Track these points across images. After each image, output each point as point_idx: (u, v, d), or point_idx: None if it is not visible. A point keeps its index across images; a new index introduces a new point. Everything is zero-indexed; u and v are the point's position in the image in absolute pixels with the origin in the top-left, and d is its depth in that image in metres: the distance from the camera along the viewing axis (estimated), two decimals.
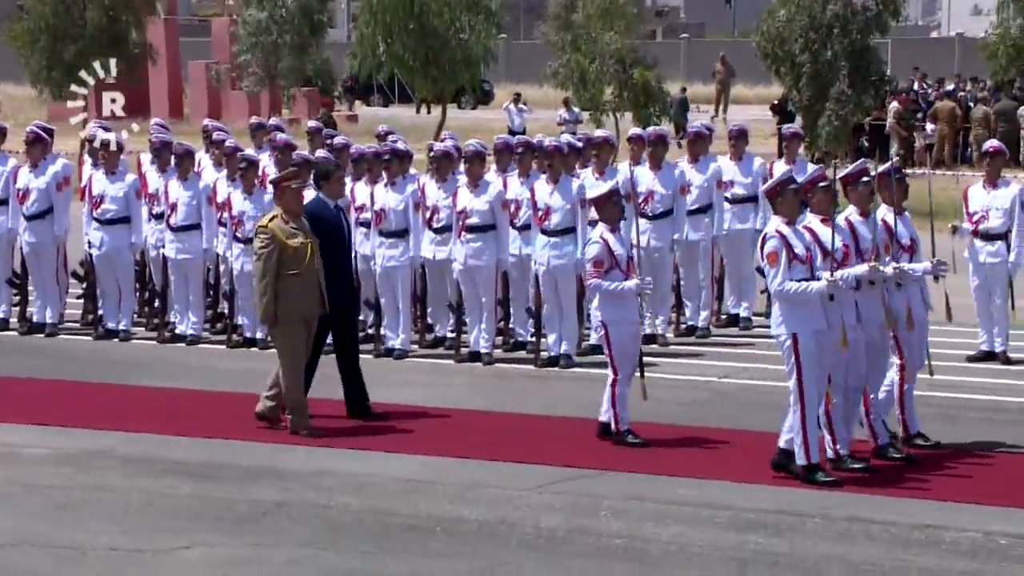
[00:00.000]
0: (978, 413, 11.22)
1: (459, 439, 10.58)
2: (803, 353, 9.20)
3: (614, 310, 10.30)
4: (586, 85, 24.65)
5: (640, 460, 10.00)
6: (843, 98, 22.82)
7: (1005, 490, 9.25)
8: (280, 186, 10.81)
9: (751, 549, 8.23)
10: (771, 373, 12.60)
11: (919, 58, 42.35)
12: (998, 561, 7.99)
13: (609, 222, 10.47)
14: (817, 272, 9.30)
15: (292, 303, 10.48)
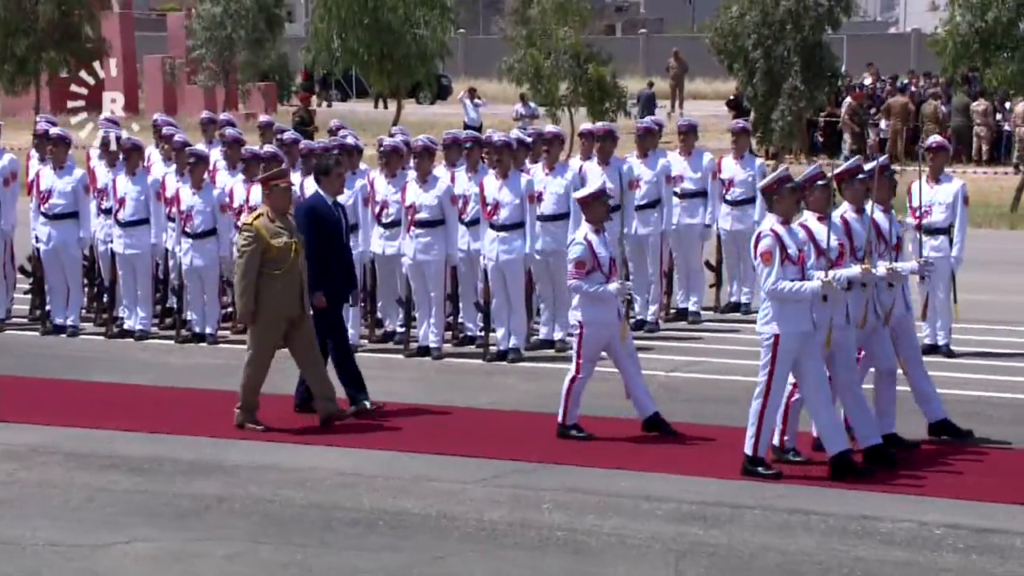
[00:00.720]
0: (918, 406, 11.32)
1: (405, 433, 10.62)
2: (781, 353, 9.21)
3: (593, 311, 10.23)
4: (541, 80, 24.69)
5: (585, 453, 10.07)
6: (796, 93, 22.98)
7: (942, 481, 9.36)
8: (268, 184, 10.71)
9: (689, 541, 8.31)
10: (719, 367, 12.71)
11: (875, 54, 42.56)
12: (931, 551, 8.09)
13: (594, 222, 10.36)
14: (809, 272, 9.25)
15: (272, 302, 10.41)
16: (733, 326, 14.48)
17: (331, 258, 10.89)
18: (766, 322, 9.34)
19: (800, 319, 9.23)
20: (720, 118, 33.13)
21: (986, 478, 9.42)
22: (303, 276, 10.51)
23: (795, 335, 9.22)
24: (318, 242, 10.70)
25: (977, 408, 11.14)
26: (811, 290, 9.17)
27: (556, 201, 13.25)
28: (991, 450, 10.04)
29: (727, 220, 14.95)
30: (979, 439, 10.24)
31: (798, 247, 9.24)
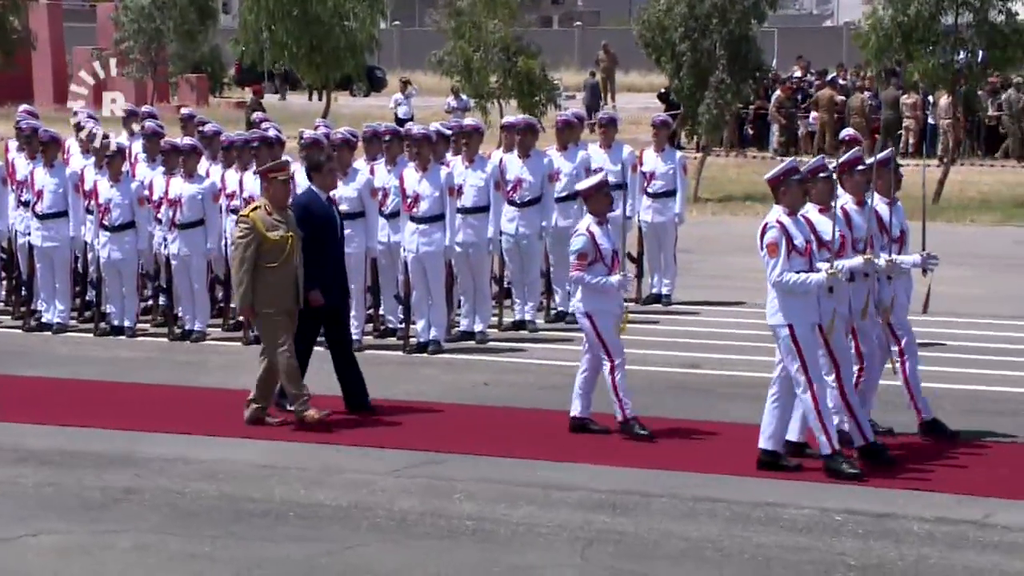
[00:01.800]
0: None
1: (322, 425, 10.64)
2: (802, 342, 9.09)
3: (597, 301, 10.13)
4: (471, 73, 24.74)
5: (499, 443, 10.16)
6: (722, 87, 23.12)
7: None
8: (267, 177, 10.59)
9: (596, 528, 8.42)
10: (636, 358, 12.80)
11: (809, 47, 43.00)
12: (831, 536, 8.24)
13: (597, 214, 10.26)
14: (816, 264, 9.17)
15: (267, 295, 10.29)
16: (653, 317, 14.63)
17: (326, 255, 10.70)
18: (774, 314, 9.24)
19: (808, 311, 9.13)
20: (653, 111, 33.39)
21: (866, 465, 9.56)
22: (299, 272, 10.36)
23: (806, 326, 9.13)
24: (311, 238, 10.52)
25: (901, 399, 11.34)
26: (817, 282, 9.07)
27: (476, 194, 13.33)
28: (913, 438, 10.13)
29: (648, 212, 15.10)
30: (900, 426, 10.42)
31: (805, 238, 9.17)
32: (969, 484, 9.05)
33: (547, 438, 10.32)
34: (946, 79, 22.87)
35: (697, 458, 9.79)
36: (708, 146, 25.97)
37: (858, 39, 22.89)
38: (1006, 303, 15.21)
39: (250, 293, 10.31)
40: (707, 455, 9.86)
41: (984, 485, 9.07)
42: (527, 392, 11.63)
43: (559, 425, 10.66)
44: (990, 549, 7.97)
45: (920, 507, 8.66)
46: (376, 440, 10.20)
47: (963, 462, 9.61)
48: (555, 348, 13.27)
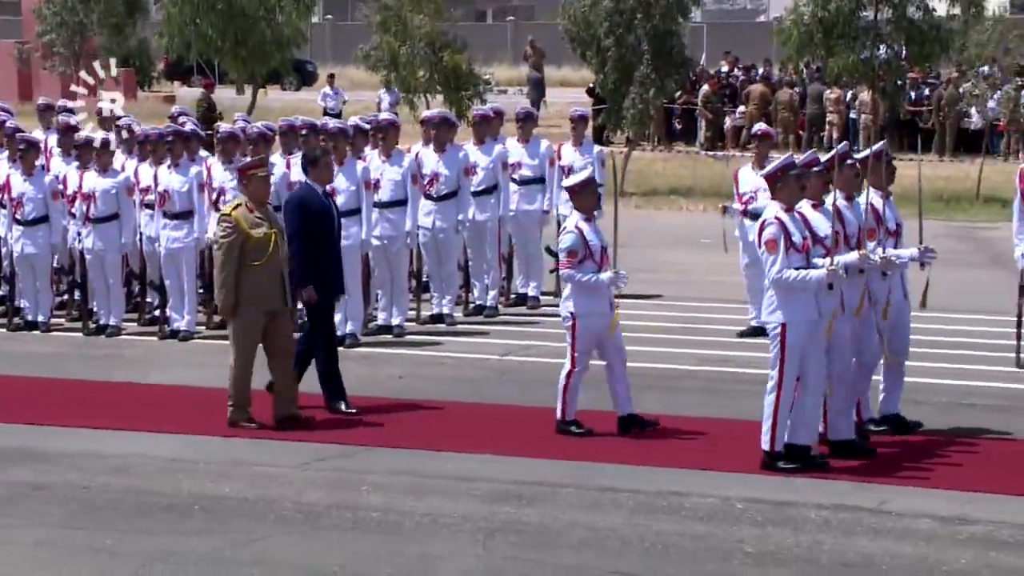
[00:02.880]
0: (742, 386, 11.67)
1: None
2: (790, 343, 9.05)
3: (585, 302, 9.99)
4: (397, 68, 24.76)
5: (410, 436, 10.22)
6: (647, 81, 23.29)
7: (748, 456, 9.66)
8: (246, 174, 10.44)
9: (501, 519, 8.51)
10: (552, 351, 12.91)
11: (741, 42, 43.32)
12: (731, 524, 8.38)
13: (584, 211, 10.15)
14: (814, 261, 9.12)
15: (253, 294, 10.12)
16: None
17: (322, 250, 10.60)
18: (771, 311, 9.17)
19: (806, 308, 9.06)
20: (582, 106, 33.55)
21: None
22: (284, 268, 10.26)
23: (802, 324, 9.05)
24: (308, 233, 10.39)
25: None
26: (816, 278, 9.00)
27: (393, 188, 13.37)
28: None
29: (567, 206, 15.15)
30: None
31: (803, 235, 9.10)
32: (867, 471, 9.22)
33: (459, 431, 10.40)
34: (866, 74, 23.17)
35: (606, 449, 9.90)
36: (634, 140, 26.14)
37: (780, 34, 23.14)
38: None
39: (233, 294, 10.14)
40: (616, 446, 9.98)
41: (882, 473, 9.24)
42: (442, 385, 11.70)
43: (471, 417, 10.76)
44: (883, 535, 8.15)
45: (819, 495, 8.83)
46: (287, 434, 10.23)
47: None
48: (472, 341, 13.35)
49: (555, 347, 13.02)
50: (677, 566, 7.75)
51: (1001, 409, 10.73)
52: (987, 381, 11.41)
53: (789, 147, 30.26)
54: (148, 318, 13.73)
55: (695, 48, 43.63)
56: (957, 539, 8.05)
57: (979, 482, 9.02)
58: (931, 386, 11.29)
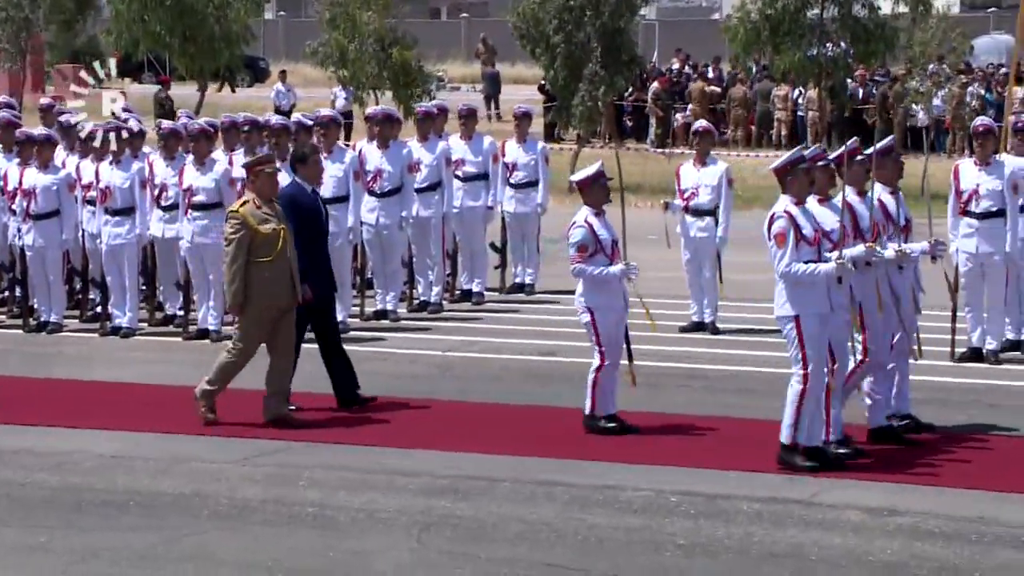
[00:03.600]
0: (679, 380, 11.80)
1: (174, 415, 10.63)
2: (807, 335, 8.97)
3: (599, 296, 9.97)
4: (346, 64, 24.75)
5: (350, 431, 10.26)
6: (596, 79, 23.41)
7: (685, 450, 9.77)
8: (253, 170, 10.37)
9: (437, 513, 8.55)
10: (495, 347, 13.02)
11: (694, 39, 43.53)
12: (664, 517, 8.45)
13: (594, 205, 10.10)
14: (825, 255, 9.06)
15: (262, 291, 10.06)
16: (515, 307, 14.82)
17: (314, 248, 10.53)
18: (782, 305, 9.10)
19: (817, 301, 9.00)
20: (534, 103, 33.66)
21: (723, 445, 9.84)
22: (294, 265, 10.18)
23: (813, 316, 8.99)
24: (298, 231, 10.33)
25: (740, 384, 11.63)
26: (826, 272, 8.96)
27: (335, 184, 13.36)
28: (748, 421, 10.43)
29: (511, 203, 15.27)
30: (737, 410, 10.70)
31: (813, 228, 9.06)
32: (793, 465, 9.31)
33: (398, 426, 10.44)
34: (812, 72, 23.35)
35: (544, 443, 9.96)
36: (584, 137, 26.24)
37: (727, 32, 23.28)
38: None
39: (242, 291, 10.06)
40: (555, 440, 10.05)
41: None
42: (384, 381, 11.71)
43: (411, 413, 10.79)
44: (813, 526, 8.24)
45: (752, 488, 8.92)
46: (226, 429, 10.24)
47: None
48: (415, 338, 13.39)
49: (498, 343, 13.13)
50: (609, 558, 7.81)
51: (936, 402, 10.85)
52: (922, 375, 11.52)
53: (739, 144, 30.55)
54: (90, 315, 13.70)
55: (648, 46, 43.92)
56: (885, 530, 8.15)
57: (910, 474, 9.13)
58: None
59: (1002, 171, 11.76)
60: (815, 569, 7.60)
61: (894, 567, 7.59)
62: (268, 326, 10.22)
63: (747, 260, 16.39)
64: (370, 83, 24.68)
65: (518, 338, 13.29)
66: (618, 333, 10.03)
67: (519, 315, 14.43)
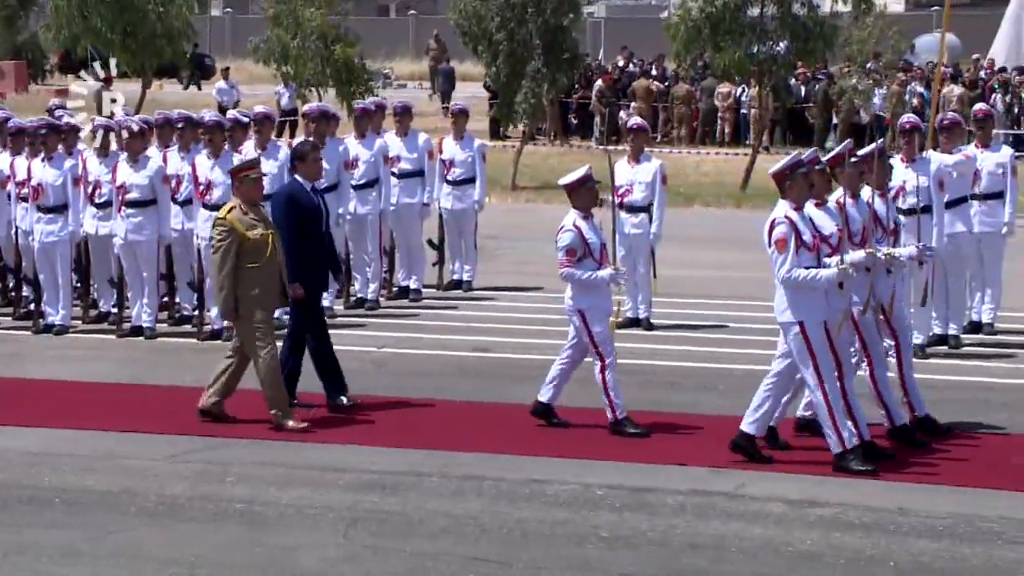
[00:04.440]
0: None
1: (104, 412, 10.63)
2: (813, 340, 8.93)
3: (589, 298, 9.95)
4: (288, 61, 24.70)
5: (278, 428, 10.25)
6: (538, 76, 23.47)
7: (614, 444, 9.84)
8: (239, 176, 10.24)
9: (364, 508, 8.59)
10: (429, 343, 13.05)
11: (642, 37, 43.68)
12: (589, 510, 8.53)
13: (582, 209, 10.03)
14: (824, 259, 9.05)
15: (252, 296, 9.99)
16: (453, 303, 14.87)
17: (312, 246, 10.44)
18: (783, 311, 9.05)
19: (817, 307, 8.97)
20: (480, 100, 33.70)
21: (652, 440, 9.92)
22: (282, 268, 10.09)
23: (817, 323, 8.96)
24: (297, 230, 10.23)
25: (671, 378, 11.73)
26: (827, 278, 8.92)
27: (269, 181, 13.30)
28: (678, 415, 10.52)
29: (448, 200, 15.32)
30: (667, 404, 10.79)
31: (812, 233, 9.03)
32: (724, 457, 9.42)
33: (329, 422, 10.45)
34: (752, 70, 23.51)
35: (475, 438, 10.02)
36: (527, 134, 26.31)
37: (668, 30, 23.40)
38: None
39: (232, 297, 9.99)
40: (485, 435, 10.10)
41: (737, 459, 9.41)
42: (314, 376, 11.73)
43: (343, 409, 10.80)
44: (735, 518, 8.34)
45: (679, 481, 9.01)
46: (155, 426, 10.23)
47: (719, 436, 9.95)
48: (350, 334, 13.39)
49: (433, 339, 13.17)
50: (533, 551, 7.88)
51: (861, 396, 10.97)
52: None
53: (683, 142, 30.73)
54: (23, 312, 13.62)
55: (595, 43, 44.06)
56: (806, 521, 8.27)
57: (831, 466, 9.24)
58: None
59: (928, 168, 11.92)
60: (733, 559, 7.70)
61: (810, 557, 7.70)
62: (272, 325, 10.16)
63: (681, 256, 16.54)
64: (313, 80, 24.61)
65: (454, 335, 13.33)
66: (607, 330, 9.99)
67: (456, 312, 14.48)
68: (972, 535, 7.96)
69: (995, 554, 7.67)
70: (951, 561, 7.59)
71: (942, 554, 7.68)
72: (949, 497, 8.61)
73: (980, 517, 8.21)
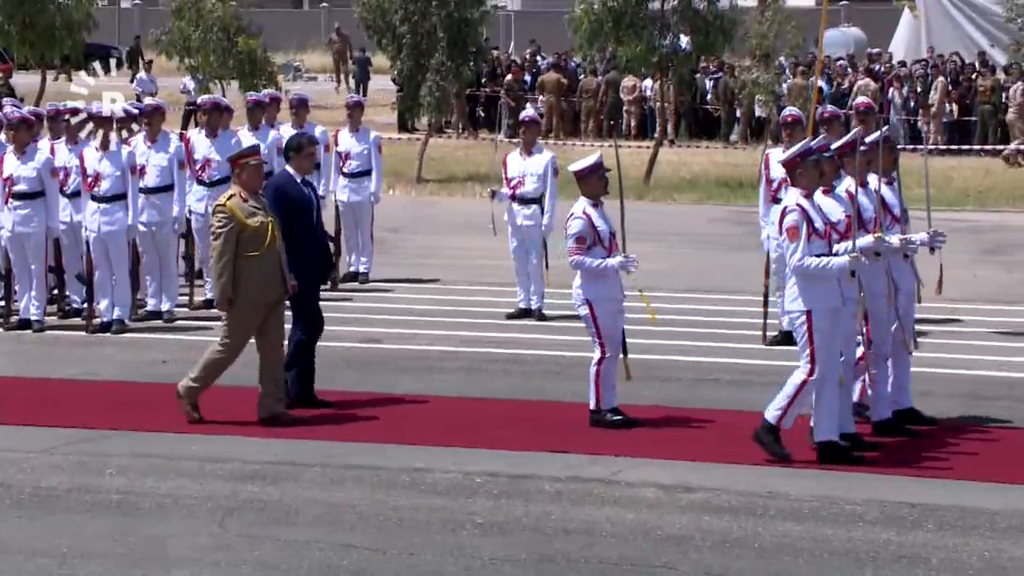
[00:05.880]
0: (500, 365, 11.98)
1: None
2: (816, 329, 8.88)
3: (597, 288, 9.86)
4: (190, 53, 24.55)
5: (163, 419, 10.21)
6: (442, 69, 23.52)
7: (498, 433, 9.93)
8: (238, 163, 10.06)
9: (242, 498, 8.60)
10: (325, 334, 13.02)
11: (553, 30, 43.88)
12: (466, 497, 8.60)
13: (592, 197, 9.94)
14: (834, 247, 9.00)
15: (251, 286, 9.83)
16: (348, 295, 14.89)
17: (304, 239, 10.28)
18: (793, 300, 9.01)
19: (829, 295, 8.93)
20: (389, 93, 33.68)
21: (535, 428, 10.03)
22: (282, 258, 9.93)
23: (826, 311, 8.92)
24: (289, 222, 10.07)
25: (559, 368, 11.84)
26: (838, 266, 8.88)
27: (159, 173, 13.34)
28: (562, 404, 10.65)
29: (344, 192, 15.34)
30: (552, 394, 10.90)
31: (824, 221, 9.00)
32: (598, 445, 9.56)
33: (213, 413, 10.39)
34: (654, 63, 23.72)
35: (360, 429, 10.05)
36: (432, 127, 26.34)
37: (571, 24, 23.55)
38: (686, 278, 15.95)
39: (230, 285, 9.83)
40: (370, 425, 10.15)
41: (620, 446, 9.57)
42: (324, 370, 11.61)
43: (230, 400, 10.76)
44: (609, 503, 8.47)
45: (557, 468, 9.12)
46: (33, 419, 10.17)
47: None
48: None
49: (328, 331, 13.13)
50: (407, 538, 7.94)
51: (744, 384, 11.20)
52: (733, 358, 11.88)
53: (590, 135, 30.91)
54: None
55: (507, 37, 44.16)
56: (678, 505, 8.41)
57: (709, 452, 9.40)
58: (677, 363, 11.74)
59: None
60: (604, 543, 7.82)
61: (678, 540, 7.84)
62: (257, 321, 9.99)
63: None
64: (215, 72, 24.49)
65: (346, 326, 13.33)
66: (616, 324, 9.95)
67: (351, 303, 14.50)
68: (835, 517, 8.15)
69: (855, 535, 7.85)
70: (812, 542, 7.76)
71: (804, 536, 7.86)
72: (818, 481, 8.80)
73: (845, 500, 8.40)
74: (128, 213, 12.89)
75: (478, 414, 10.47)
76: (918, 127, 27.15)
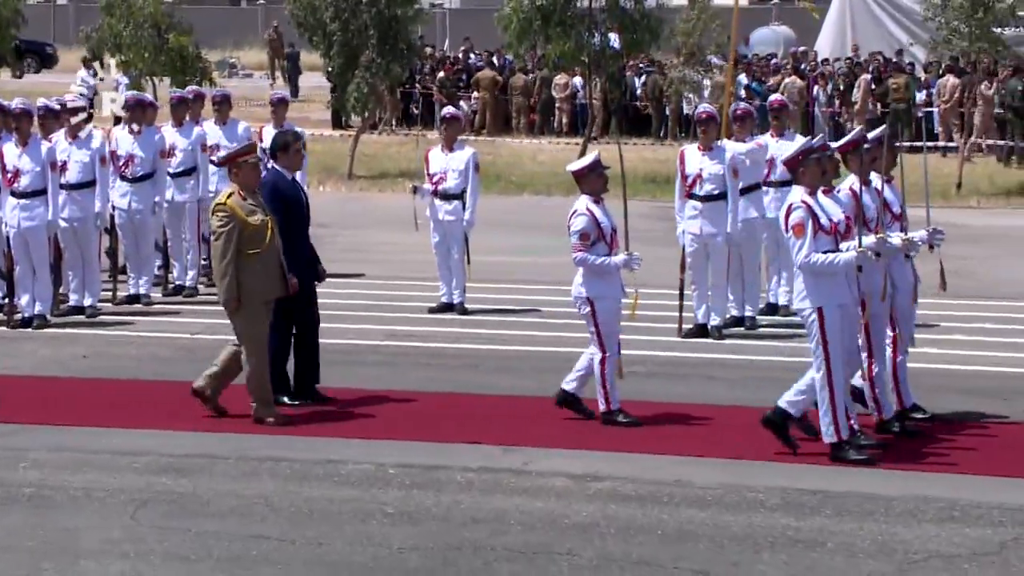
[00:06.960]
0: (423, 358, 12.08)
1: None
2: (829, 328, 8.85)
3: (599, 285, 9.84)
4: (121, 49, 24.46)
5: (79, 413, 10.27)
6: (372, 66, 23.59)
7: (412, 425, 10.04)
8: (235, 161, 9.96)
9: (155, 491, 8.66)
10: None
11: (487, 28, 44.03)
12: (378, 488, 8.71)
13: (593, 194, 9.90)
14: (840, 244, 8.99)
15: (254, 284, 9.78)
16: None
17: (299, 237, 10.23)
18: (802, 298, 8.98)
19: (837, 292, 8.93)
20: (323, 89, 33.66)
21: (451, 420, 10.15)
22: (281, 255, 9.91)
23: (836, 308, 8.90)
24: (284, 220, 9.98)
25: (478, 361, 11.96)
26: (845, 262, 8.86)
27: (81, 169, 13.33)
28: (476, 396, 10.76)
29: None
30: (470, 387, 11.03)
31: (829, 217, 8.98)
32: (513, 437, 9.70)
33: (132, 407, 10.48)
34: (582, 61, 23.92)
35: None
36: (365, 123, 26.39)
37: (501, 21, 23.69)
38: None
39: (235, 285, 9.80)
40: (289, 418, 10.23)
41: (533, 436, 9.72)
42: (127, 364, 11.76)
43: (147, 394, 10.84)
44: (519, 493, 8.61)
45: (470, 459, 9.24)
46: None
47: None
48: (165, 321, 13.43)
49: None
50: (317, 528, 8.04)
51: (660, 375, 11.38)
52: (651, 350, 12.05)
53: (522, 132, 31.08)
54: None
55: (442, 34, 44.23)
56: (586, 494, 8.56)
57: (622, 442, 9.55)
58: None
59: (723, 156, 12.34)
60: (511, 531, 7.96)
61: (584, 527, 7.99)
62: (266, 317, 9.96)
63: (500, 243, 16.84)
64: (146, 69, 24.42)
65: None
66: (615, 322, 9.96)
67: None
68: (737, 504, 8.34)
69: (754, 520, 8.05)
70: (714, 528, 7.94)
71: (707, 522, 8.04)
72: (723, 469, 8.99)
73: (747, 487, 8.59)
74: (48, 209, 12.88)
75: (398, 407, 10.57)
76: (842, 124, 27.52)
